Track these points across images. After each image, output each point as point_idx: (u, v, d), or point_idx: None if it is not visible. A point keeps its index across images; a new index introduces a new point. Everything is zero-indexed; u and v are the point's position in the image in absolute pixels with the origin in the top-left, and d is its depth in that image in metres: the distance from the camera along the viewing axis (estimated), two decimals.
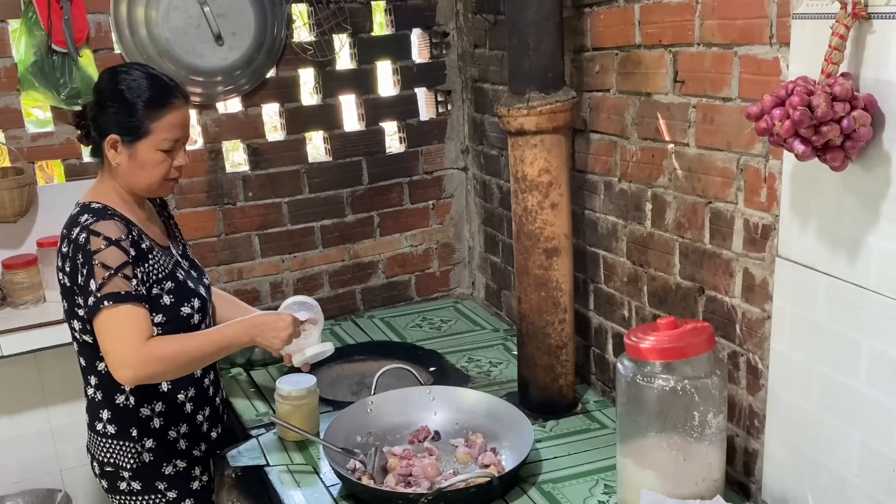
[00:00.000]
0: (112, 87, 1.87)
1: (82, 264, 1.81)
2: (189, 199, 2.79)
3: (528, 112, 2.04)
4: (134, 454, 1.97)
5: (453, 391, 2.25)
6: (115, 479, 2.00)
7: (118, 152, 1.87)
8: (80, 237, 1.82)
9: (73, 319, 1.92)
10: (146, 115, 1.85)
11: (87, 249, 1.80)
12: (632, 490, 1.73)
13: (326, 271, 3.04)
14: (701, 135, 1.87)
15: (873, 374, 1.47)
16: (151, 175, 1.90)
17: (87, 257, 1.80)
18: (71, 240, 1.84)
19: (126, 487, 2.00)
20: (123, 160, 1.88)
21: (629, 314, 2.24)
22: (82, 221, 1.84)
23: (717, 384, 1.67)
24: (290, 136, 2.89)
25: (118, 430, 1.96)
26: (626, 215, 2.18)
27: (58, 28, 2.44)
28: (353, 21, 2.85)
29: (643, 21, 2.00)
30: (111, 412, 1.96)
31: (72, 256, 1.83)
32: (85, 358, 1.97)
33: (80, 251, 1.81)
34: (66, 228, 1.88)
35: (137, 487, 2.00)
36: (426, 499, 1.76)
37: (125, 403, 1.96)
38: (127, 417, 1.96)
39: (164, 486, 2.01)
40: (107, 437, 1.97)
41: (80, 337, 1.93)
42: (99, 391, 1.97)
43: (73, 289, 1.86)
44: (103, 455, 1.99)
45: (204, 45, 2.64)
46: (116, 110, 1.85)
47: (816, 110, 1.33)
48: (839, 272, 1.51)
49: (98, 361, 1.93)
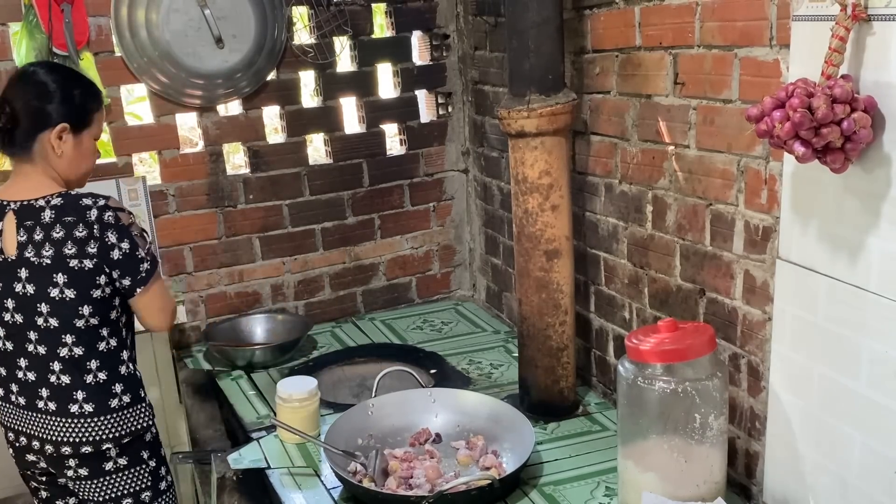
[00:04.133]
0: (54, 81, 1.94)
1: (119, 239, 1.91)
2: (190, 201, 2.79)
3: (529, 114, 2.05)
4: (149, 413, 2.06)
5: (454, 393, 2.25)
6: (101, 460, 1.98)
7: (64, 141, 1.94)
8: (104, 216, 1.90)
9: (86, 304, 1.92)
10: (92, 105, 1.99)
11: (121, 225, 1.92)
12: (633, 492, 1.73)
13: (327, 273, 3.04)
14: (701, 136, 1.87)
15: (874, 375, 1.47)
16: (89, 163, 2.04)
17: (124, 232, 1.93)
18: (90, 222, 1.89)
19: (112, 466, 1.99)
20: (69, 149, 1.96)
21: (630, 316, 2.24)
22: (91, 204, 1.91)
23: (718, 386, 1.67)
24: (291, 138, 2.89)
25: (133, 396, 2.02)
26: (627, 217, 2.18)
27: (59, 31, 2.44)
28: (353, 23, 2.85)
29: (643, 23, 2.00)
30: (122, 384, 2.00)
31: (98, 237, 1.90)
32: (86, 346, 1.95)
33: (111, 229, 1.91)
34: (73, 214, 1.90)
35: (124, 462, 2.00)
36: (427, 501, 1.76)
37: (128, 371, 2.04)
38: (135, 382, 2.05)
39: (147, 454, 2.05)
40: (123, 410, 1.99)
41: (89, 322, 1.94)
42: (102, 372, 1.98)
43: (99, 268, 1.91)
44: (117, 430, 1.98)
45: (204, 47, 2.64)
46: (67, 100, 1.94)
47: (817, 112, 1.33)
48: (840, 274, 1.51)
49: (99, 342, 1.96)
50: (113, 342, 1.99)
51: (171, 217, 2.78)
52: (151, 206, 2.68)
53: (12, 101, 1.93)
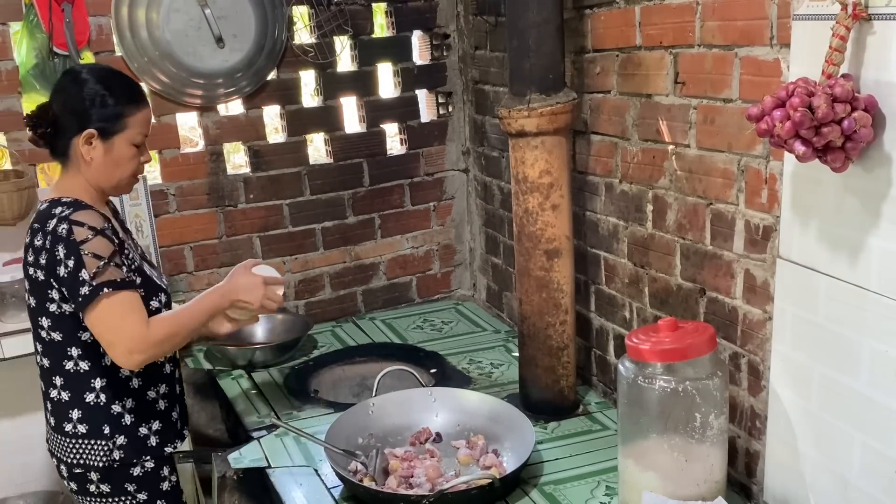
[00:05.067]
0: (87, 84, 1.88)
1: (66, 255, 1.79)
2: (190, 201, 2.79)
3: (529, 113, 2.05)
4: (105, 452, 1.94)
5: (454, 393, 2.25)
6: (85, 482, 1.97)
7: (93, 147, 1.87)
8: (59, 228, 1.80)
9: (42, 317, 1.89)
10: (124, 109, 1.88)
11: (72, 240, 1.78)
12: (633, 491, 1.73)
13: (327, 273, 3.04)
14: (701, 136, 1.87)
15: (874, 375, 1.47)
16: (125, 170, 1.92)
17: (72, 248, 1.78)
18: (47, 232, 1.81)
19: (95, 490, 1.97)
20: (98, 155, 1.88)
21: (630, 315, 2.24)
22: (58, 213, 1.82)
23: (719, 385, 1.67)
24: (291, 137, 2.89)
25: (89, 428, 1.93)
26: (627, 216, 2.18)
27: (59, 30, 2.44)
28: (353, 23, 2.85)
29: (644, 22, 2.00)
30: (81, 411, 1.93)
31: (49, 248, 1.81)
32: (50, 359, 1.93)
33: (62, 242, 1.79)
34: (38, 222, 1.85)
35: (107, 490, 1.97)
36: (427, 500, 1.76)
37: (96, 402, 1.93)
38: (98, 416, 1.93)
39: (134, 487, 1.98)
40: (77, 438, 1.93)
41: (49, 335, 1.90)
42: (65, 392, 1.93)
43: (48, 282, 1.84)
44: (73, 456, 1.95)
45: (205, 47, 2.64)
46: (94, 105, 1.86)
47: (817, 111, 1.33)
48: (840, 273, 1.51)
49: (66, 361, 1.91)
50: (84, 365, 1.90)
51: (171, 217, 2.78)
52: (152, 206, 2.68)
53: (52, 106, 1.91)
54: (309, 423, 2.25)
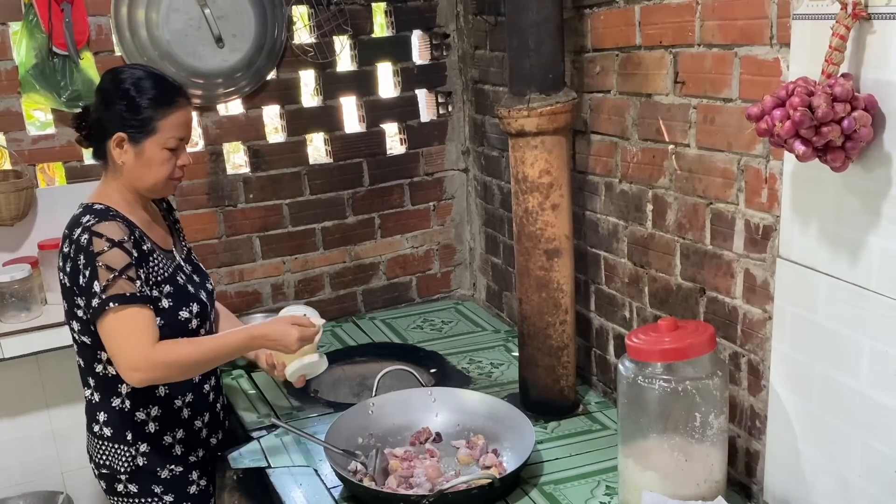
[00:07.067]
0: (118, 86, 1.86)
1: (84, 265, 1.80)
2: (190, 200, 2.79)
3: (529, 113, 2.04)
4: (128, 458, 1.97)
5: (454, 392, 2.24)
6: (113, 481, 2.01)
7: (124, 150, 1.86)
8: (81, 238, 1.81)
9: (73, 320, 1.92)
10: (154, 113, 1.86)
11: (90, 251, 1.80)
12: (633, 491, 1.73)
13: (327, 273, 3.04)
14: (701, 135, 1.87)
15: (874, 374, 1.47)
16: (157, 173, 1.90)
17: (90, 259, 1.79)
18: (72, 240, 1.83)
19: (123, 489, 2.00)
20: (129, 158, 1.87)
21: (630, 315, 2.24)
22: (84, 222, 1.83)
23: (719, 385, 1.67)
24: (291, 137, 2.89)
25: (114, 433, 1.96)
26: (627, 216, 2.18)
27: (58, 30, 2.44)
28: (353, 23, 2.85)
29: (643, 22, 2.00)
30: (107, 415, 1.96)
31: (73, 257, 1.83)
32: (84, 360, 1.97)
33: (82, 252, 1.81)
34: (68, 229, 1.88)
35: (134, 490, 2.00)
36: (427, 500, 1.76)
37: (121, 407, 1.95)
38: (122, 421, 1.96)
39: (161, 489, 2.01)
40: (103, 440, 1.98)
41: (80, 338, 1.93)
42: (96, 393, 1.97)
43: (73, 289, 1.86)
44: (100, 457, 1.99)
45: (204, 47, 2.64)
46: (124, 108, 1.85)
47: (817, 111, 1.33)
48: (840, 273, 1.51)
49: (96, 363, 1.94)
50: (111, 370, 1.91)
51: None
52: None
53: (88, 110, 1.92)
54: (309, 423, 2.25)
